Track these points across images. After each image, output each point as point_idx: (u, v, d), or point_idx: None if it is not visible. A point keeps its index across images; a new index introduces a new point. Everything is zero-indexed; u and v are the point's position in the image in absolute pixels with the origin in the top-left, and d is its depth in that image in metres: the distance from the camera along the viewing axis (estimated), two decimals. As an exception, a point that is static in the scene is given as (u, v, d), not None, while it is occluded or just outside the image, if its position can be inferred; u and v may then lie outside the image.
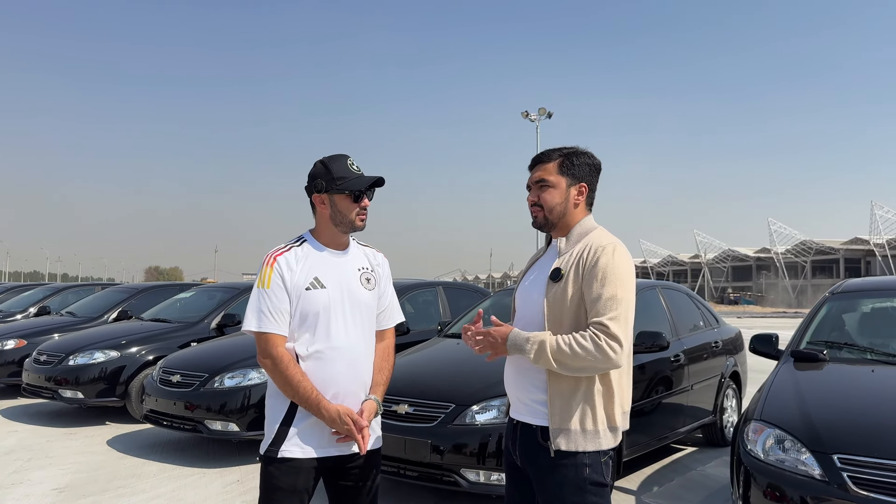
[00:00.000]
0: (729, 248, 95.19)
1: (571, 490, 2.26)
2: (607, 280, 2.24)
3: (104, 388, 7.57)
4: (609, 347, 2.17)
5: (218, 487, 5.35)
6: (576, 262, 2.33)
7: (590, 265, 2.28)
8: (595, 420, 2.26)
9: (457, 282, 15.07)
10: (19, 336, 9.50)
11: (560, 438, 2.26)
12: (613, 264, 2.26)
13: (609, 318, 2.20)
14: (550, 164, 2.44)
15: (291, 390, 2.37)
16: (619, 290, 2.24)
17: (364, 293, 2.54)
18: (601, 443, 2.27)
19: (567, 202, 2.43)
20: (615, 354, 2.17)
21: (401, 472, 4.49)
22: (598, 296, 2.23)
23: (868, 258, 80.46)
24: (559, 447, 2.25)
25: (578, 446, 2.25)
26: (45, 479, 5.62)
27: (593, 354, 2.17)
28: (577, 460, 2.26)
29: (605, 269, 2.25)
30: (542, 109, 33.14)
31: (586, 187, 2.45)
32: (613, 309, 2.21)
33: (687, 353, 5.96)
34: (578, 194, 2.44)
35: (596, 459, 2.27)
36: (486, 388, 4.49)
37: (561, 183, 2.43)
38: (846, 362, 4.44)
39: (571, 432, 2.25)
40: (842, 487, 3.14)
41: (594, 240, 2.36)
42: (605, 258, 2.27)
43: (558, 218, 2.44)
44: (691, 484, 5.48)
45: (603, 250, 2.29)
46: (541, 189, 2.45)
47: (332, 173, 2.48)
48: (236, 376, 6.16)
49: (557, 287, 2.32)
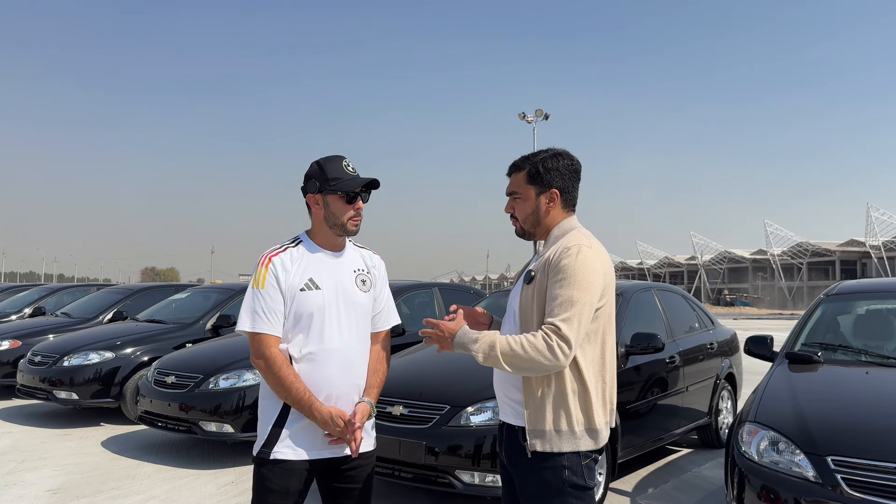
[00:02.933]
0: (725, 250, 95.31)
1: (551, 492, 2.25)
2: (565, 282, 2.22)
3: (99, 389, 7.55)
4: (559, 348, 2.15)
5: (212, 489, 5.34)
6: (544, 265, 2.33)
7: (553, 266, 2.28)
8: (570, 421, 2.25)
9: (453, 283, 15.04)
10: (14, 337, 9.46)
11: (535, 439, 2.26)
12: (574, 266, 2.24)
13: (562, 319, 2.18)
14: (520, 175, 2.46)
15: (284, 391, 2.37)
16: (575, 291, 2.21)
17: (359, 295, 2.54)
18: (578, 444, 2.26)
19: (538, 210, 2.44)
20: (563, 357, 2.16)
21: (395, 473, 4.48)
22: (555, 296, 2.23)
23: (864, 260, 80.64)
24: (535, 448, 2.25)
25: (554, 447, 2.24)
26: (39, 480, 5.60)
27: (544, 354, 2.16)
28: (555, 462, 2.25)
29: (564, 271, 2.24)
30: (539, 111, 33.12)
31: (557, 193, 2.43)
32: (567, 310, 2.19)
33: (682, 354, 5.97)
34: (549, 202, 2.43)
35: (575, 461, 2.26)
36: (480, 390, 4.48)
37: (530, 193, 2.44)
38: (841, 364, 4.45)
39: (546, 433, 2.25)
40: (835, 489, 3.15)
41: (564, 241, 2.35)
42: (566, 260, 2.25)
43: (532, 227, 2.46)
44: (686, 485, 5.49)
45: (567, 252, 2.28)
46: (514, 200, 2.47)
47: (327, 174, 2.48)
48: (231, 377, 6.15)
49: (530, 289, 2.34)
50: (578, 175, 2.49)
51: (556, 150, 2.47)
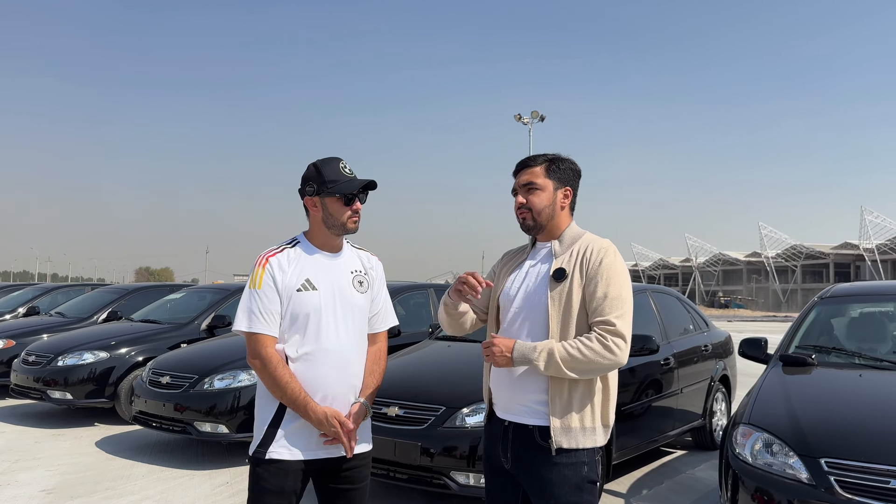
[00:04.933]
0: (720, 252, 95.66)
1: (570, 489, 2.30)
2: (612, 280, 2.31)
3: (93, 389, 7.53)
4: (616, 346, 2.23)
5: (207, 489, 5.33)
6: (578, 263, 2.38)
7: (594, 265, 2.34)
8: (594, 417, 2.33)
9: (448, 284, 15.07)
10: (8, 336, 9.43)
11: (562, 437, 2.30)
12: (616, 265, 2.35)
13: (616, 316, 2.27)
14: (537, 168, 2.49)
15: (279, 391, 2.37)
16: (623, 290, 2.32)
17: (356, 296, 2.54)
18: (597, 439, 2.34)
19: (554, 205, 2.48)
20: (621, 352, 2.25)
21: (391, 474, 4.48)
22: (605, 295, 2.29)
23: (857, 263, 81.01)
24: (560, 445, 2.29)
25: (579, 443, 2.30)
26: (32, 480, 5.58)
27: (602, 354, 2.23)
28: (576, 458, 2.31)
29: (609, 270, 2.33)
30: (535, 113, 33.16)
31: (571, 191, 2.51)
32: (619, 308, 2.28)
33: (677, 356, 5.99)
34: (564, 197, 2.50)
35: (592, 457, 2.34)
36: (476, 391, 4.48)
37: (548, 186, 2.47)
38: (834, 367, 4.47)
39: (573, 430, 2.30)
40: (829, 491, 3.16)
41: (591, 242, 2.43)
42: (608, 259, 2.35)
43: (547, 220, 2.48)
44: (680, 487, 5.50)
45: (605, 252, 2.37)
46: (529, 192, 2.48)
47: (324, 176, 2.48)
48: (226, 378, 6.14)
49: (562, 287, 2.36)
50: (579, 181, 2.56)
51: (560, 154, 2.54)
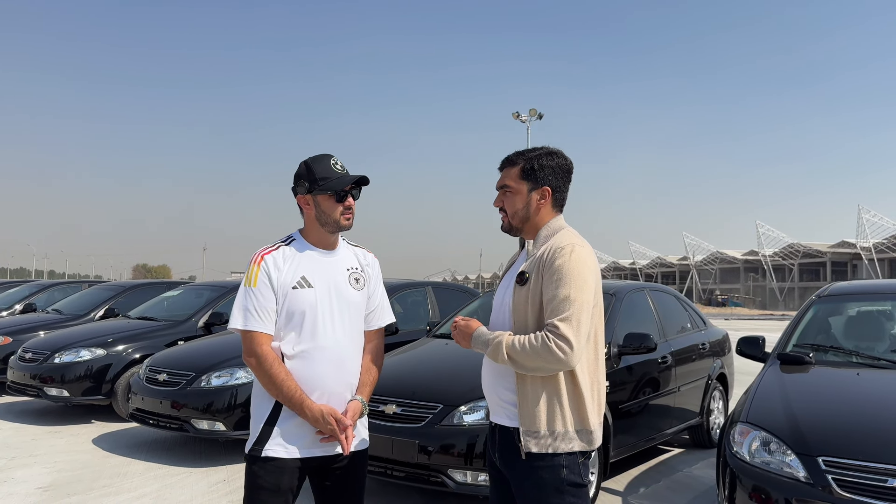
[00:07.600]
0: (717, 251, 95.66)
1: (549, 492, 2.26)
2: (562, 281, 2.24)
3: (90, 387, 7.51)
4: (558, 348, 2.17)
5: (204, 487, 5.32)
6: (537, 264, 2.34)
7: (547, 266, 2.29)
8: (565, 422, 2.26)
9: (446, 282, 15.06)
10: (4, 333, 9.40)
11: (530, 440, 2.26)
12: (569, 265, 2.25)
13: (560, 318, 2.20)
14: (514, 170, 2.45)
15: (275, 389, 2.36)
16: (572, 290, 2.23)
17: (352, 293, 2.53)
18: (573, 444, 2.27)
19: (528, 207, 2.44)
20: (564, 355, 2.17)
21: (388, 472, 4.48)
22: (553, 297, 2.24)
23: (855, 261, 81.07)
24: (529, 449, 2.26)
25: (549, 448, 2.25)
26: (29, 477, 5.57)
27: (543, 355, 2.18)
28: (553, 462, 2.26)
29: (560, 270, 2.25)
30: (533, 111, 33.10)
31: (549, 191, 2.44)
32: (565, 310, 2.21)
33: (674, 354, 5.99)
34: (541, 199, 2.43)
35: (573, 461, 2.27)
36: (473, 389, 4.48)
37: (522, 188, 2.43)
38: (832, 365, 4.47)
39: (540, 434, 2.26)
40: (826, 490, 3.16)
41: (556, 241, 2.36)
42: (561, 259, 2.27)
43: (521, 222, 2.46)
44: (678, 485, 5.50)
45: (560, 251, 2.29)
46: (504, 194, 2.47)
47: (315, 174, 2.47)
48: (223, 375, 6.13)
49: (525, 290, 2.34)
50: (570, 176, 2.50)
51: (550, 148, 2.48)
